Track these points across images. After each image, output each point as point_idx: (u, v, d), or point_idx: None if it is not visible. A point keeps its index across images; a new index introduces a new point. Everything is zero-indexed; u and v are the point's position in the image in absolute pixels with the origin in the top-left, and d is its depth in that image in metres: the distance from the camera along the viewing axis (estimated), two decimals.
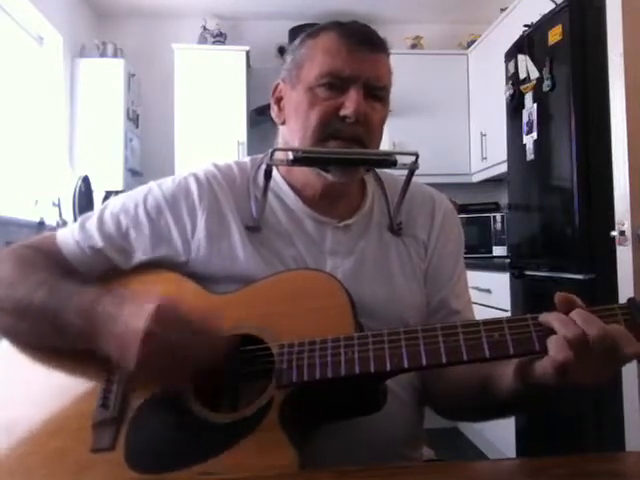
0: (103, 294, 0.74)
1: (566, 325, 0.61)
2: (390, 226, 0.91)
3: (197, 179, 0.88)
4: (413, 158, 0.84)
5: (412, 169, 0.85)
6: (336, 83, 0.82)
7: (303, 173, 0.88)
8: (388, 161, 0.83)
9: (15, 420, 0.73)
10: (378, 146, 0.89)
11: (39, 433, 0.72)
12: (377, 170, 0.97)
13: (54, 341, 0.76)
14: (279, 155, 0.84)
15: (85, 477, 0.67)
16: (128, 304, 0.71)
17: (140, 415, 0.70)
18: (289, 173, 0.91)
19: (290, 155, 0.81)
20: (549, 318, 0.63)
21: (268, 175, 0.83)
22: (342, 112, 0.82)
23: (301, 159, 0.80)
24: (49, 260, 0.83)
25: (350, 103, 0.81)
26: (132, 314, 0.69)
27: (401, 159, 0.84)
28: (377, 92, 0.85)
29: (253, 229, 0.85)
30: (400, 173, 0.91)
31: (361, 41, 0.83)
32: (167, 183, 0.89)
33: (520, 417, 2.43)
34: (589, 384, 0.62)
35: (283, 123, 0.90)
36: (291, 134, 0.87)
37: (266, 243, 0.85)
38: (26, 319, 0.77)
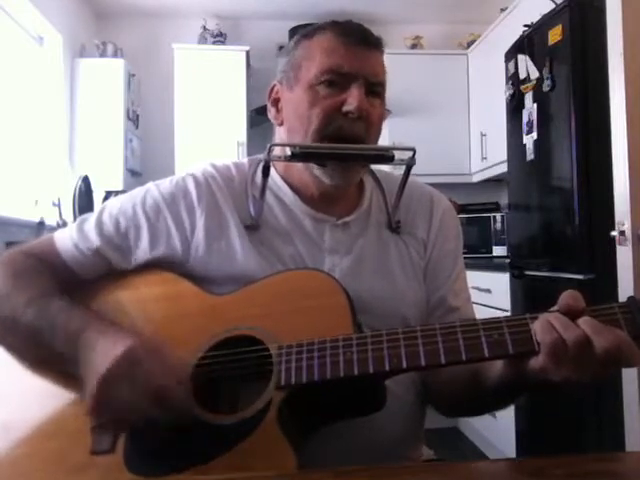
0: (90, 322, 0.74)
1: (566, 327, 0.61)
2: (389, 224, 0.91)
3: (195, 179, 0.88)
4: (410, 153, 0.84)
5: (409, 164, 0.85)
6: (336, 80, 0.83)
7: (300, 173, 0.88)
8: (385, 156, 0.83)
9: (13, 421, 0.73)
10: (376, 143, 0.89)
11: (37, 435, 0.72)
12: (375, 169, 0.97)
13: (36, 359, 0.77)
14: (277, 152, 0.84)
15: (84, 479, 0.67)
16: (105, 340, 0.70)
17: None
18: (287, 172, 0.91)
19: (288, 151, 0.81)
20: (550, 318, 0.63)
21: (266, 172, 0.83)
22: (345, 108, 0.82)
23: (299, 155, 0.80)
24: (45, 270, 0.82)
25: (353, 99, 0.81)
26: (103, 352, 0.68)
27: (398, 155, 0.84)
28: (375, 88, 0.85)
29: (252, 228, 0.85)
30: (399, 172, 0.91)
31: (357, 39, 0.84)
32: (165, 184, 0.89)
33: (520, 417, 2.44)
34: (585, 382, 0.62)
35: (281, 124, 0.91)
36: (290, 134, 0.87)
37: (265, 242, 0.85)
38: (11, 333, 0.78)
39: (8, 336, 0.78)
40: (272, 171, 0.89)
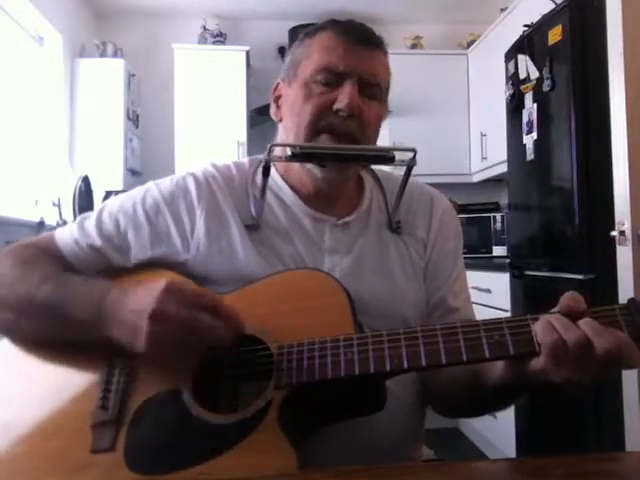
0: (112, 285, 0.75)
1: (567, 328, 0.61)
2: (389, 224, 0.91)
3: (195, 179, 0.88)
4: (411, 154, 0.84)
5: (410, 165, 0.85)
6: (331, 79, 0.83)
7: (298, 172, 0.88)
8: (386, 157, 0.83)
9: (13, 420, 0.73)
10: (374, 143, 0.89)
11: (37, 433, 0.72)
12: (375, 169, 0.97)
13: (58, 334, 0.76)
14: (277, 152, 0.84)
15: (84, 478, 0.67)
16: (137, 289, 0.71)
17: (140, 416, 0.70)
18: (287, 172, 0.91)
19: (288, 151, 0.81)
20: (550, 319, 0.63)
21: (266, 172, 0.83)
22: (335, 106, 0.82)
23: (299, 155, 0.80)
24: (48, 257, 0.83)
25: (343, 96, 0.81)
26: (141, 296, 0.69)
27: (399, 155, 0.84)
28: (372, 89, 0.85)
29: (252, 228, 0.85)
30: (399, 172, 0.91)
31: (357, 38, 0.84)
32: (165, 183, 0.89)
33: (520, 418, 2.44)
34: (586, 382, 0.62)
35: (280, 121, 0.91)
36: (286, 130, 0.88)
37: (265, 242, 0.85)
38: (28, 315, 0.77)
39: (23, 318, 0.78)
40: (272, 171, 0.89)
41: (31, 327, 0.78)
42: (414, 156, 0.84)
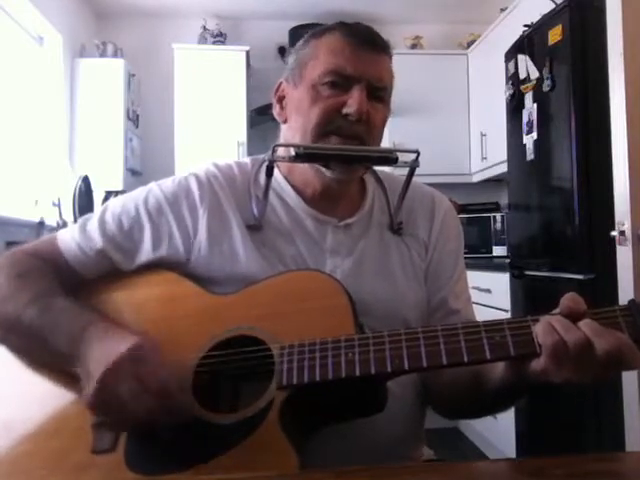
0: (93, 321, 0.74)
1: (567, 329, 0.61)
2: (391, 226, 0.92)
3: (198, 179, 0.88)
4: (414, 156, 0.84)
5: (413, 167, 0.85)
6: (339, 81, 0.83)
7: (303, 172, 0.88)
8: (389, 158, 0.83)
9: (14, 420, 0.73)
10: (378, 145, 0.89)
11: (38, 433, 0.72)
12: (377, 170, 0.97)
13: (38, 358, 0.77)
14: (281, 152, 0.84)
15: (85, 478, 0.67)
16: (109, 338, 0.71)
17: None
18: (290, 172, 0.91)
19: (292, 151, 0.81)
20: (551, 320, 0.63)
21: (270, 172, 0.83)
22: (345, 110, 0.82)
23: (303, 155, 0.80)
24: (47, 269, 0.83)
25: (353, 101, 0.81)
26: (107, 349, 0.69)
27: (402, 157, 0.84)
28: (379, 93, 0.85)
29: (254, 228, 0.85)
30: (400, 173, 0.91)
31: (365, 41, 0.84)
32: (167, 183, 0.89)
33: (520, 418, 2.44)
34: (587, 383, 0.62)
35: (285, 122, 0.91)
36: (292, 131, 0.87)
37: (267, 242, 0.85)
38: (14, 333, 0.78)
39: (11, 336, 0.78)
40: (275, 171, 0.89)
41: (17, 345, 0.79)
42: (417, 157, 0.84)
